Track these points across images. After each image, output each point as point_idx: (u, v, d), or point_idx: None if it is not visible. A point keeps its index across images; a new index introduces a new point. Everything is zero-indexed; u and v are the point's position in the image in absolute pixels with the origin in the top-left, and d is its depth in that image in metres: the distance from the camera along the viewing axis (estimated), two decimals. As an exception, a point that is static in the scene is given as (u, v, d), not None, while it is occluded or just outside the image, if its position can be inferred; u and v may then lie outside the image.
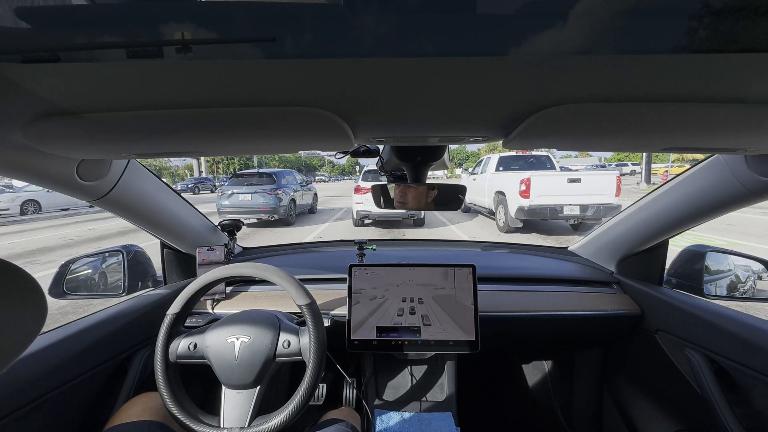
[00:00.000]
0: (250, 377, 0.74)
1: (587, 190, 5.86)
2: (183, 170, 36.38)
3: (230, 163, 42.89)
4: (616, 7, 0.23)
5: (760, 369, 0.74)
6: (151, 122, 0.43)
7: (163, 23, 0.25)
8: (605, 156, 55.61)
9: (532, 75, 0.33)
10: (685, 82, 0.33)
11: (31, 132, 0.45)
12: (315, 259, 1.44)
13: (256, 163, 45.51)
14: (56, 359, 0.76)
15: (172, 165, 34.68)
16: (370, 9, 0.24)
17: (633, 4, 0.23)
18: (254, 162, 45.22)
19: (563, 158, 58.50)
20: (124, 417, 0.76)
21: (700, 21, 0.24)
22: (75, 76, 0.32)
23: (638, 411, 1.10)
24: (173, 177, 39.25)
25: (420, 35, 0.26)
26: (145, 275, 1.17)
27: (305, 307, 0.76)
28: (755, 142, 0.51)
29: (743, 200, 0.74)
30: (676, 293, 1.01)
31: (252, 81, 0.33)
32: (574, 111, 0.39)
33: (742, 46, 0.25)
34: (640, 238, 1.06)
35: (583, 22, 0.24)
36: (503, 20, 0.25)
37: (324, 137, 0.52)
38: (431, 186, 0.90)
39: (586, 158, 56.66)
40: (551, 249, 1.49)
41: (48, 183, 0.69)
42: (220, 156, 1.96)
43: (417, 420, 1.11)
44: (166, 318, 0.77)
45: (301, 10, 0.24)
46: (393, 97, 0.38)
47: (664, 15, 0.24)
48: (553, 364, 1.47)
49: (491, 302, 1.07)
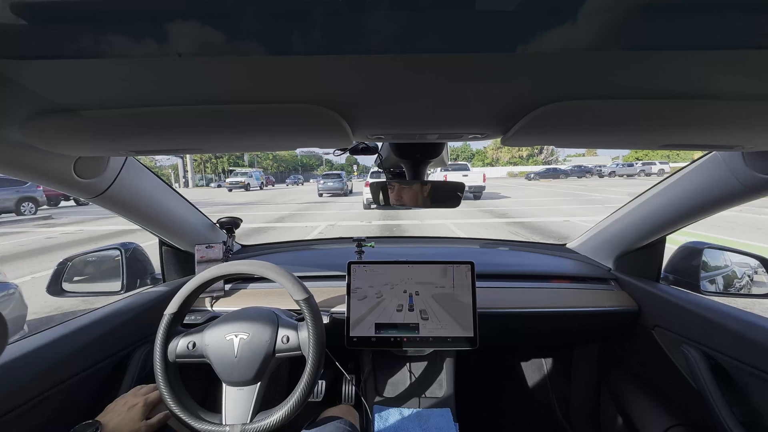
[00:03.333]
0: (250, 374, 0.74)
1: (472, 180, 12.41)
2: (168, 170, 35.53)
3: (219, 162, 41.95)
4: (614, 4, 0.23)
5: (756, 365, 0.74)
6: (149, 119, 0.43)
7: (160, 20, 0.25)
8: (622, 153, 54.94)
9: (531, 72, 0.33)
10: (683, 79, 0.33)
11: (28, 129, 0.45)
12: (314, 256, 1.44)
13: (247, 162, 44.84)
14: (56, 357, 0.76)
15: (157, 165, 33.84)
16: (368, 5, 0.24)
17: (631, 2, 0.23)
18: (245, 161, 44.58)
19: (576, 156, 57.88)
20: None
21: (698, 18, 0.24)
22: (72, 73, 0.31)
23: (635, 406, 1.11)
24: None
25: (419, 32, 0.26)
26: (143, 273, 1.17)
27: (303, 302, 0.77)
28: (753, 139, 0.51)
29: (740, 197, 0.74)
30: (673, 290, 1.02)
31: (250, 78, 0.33)
32: (572, 108, 0.39)
33: (739, 43, 0.25)
34: (638, 235, 1.07)
35: (582, 20, 0.24)
36: (502, 17, 0.25)
37: (322, 134, 0.52)
38: (429, 183, 0.90)
39: (593, 157, 56.12)
40: (549, 246, 1.50)
41: (45, 180, 0.68)
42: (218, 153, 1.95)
43: (416, 416, 1.12)
44: (164, 318, 0.77)
45: (299, 6, 0.24)
46: (391, 94, 0.38)
47: (662, 12, 0.24)
48: (551, 360, 1.48)
49: (490, 299, 1.07)
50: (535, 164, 53.20)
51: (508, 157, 59.59)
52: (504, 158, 60.43)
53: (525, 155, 57.19)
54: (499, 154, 60.81)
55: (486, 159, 63.45)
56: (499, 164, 59.74)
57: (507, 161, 59.69)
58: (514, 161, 59.32)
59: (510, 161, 59.46)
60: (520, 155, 57.84)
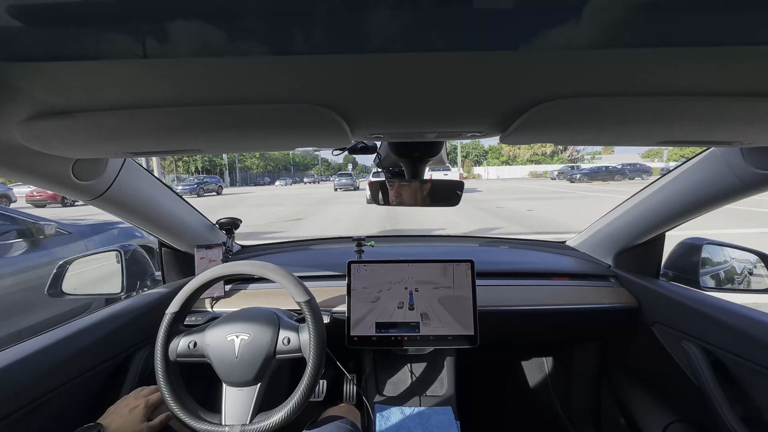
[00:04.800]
0: (251, 374, 0.74)
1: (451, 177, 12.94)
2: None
3: (191, 161, 39.51)
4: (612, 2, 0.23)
5: (756, 360, 0.75)
6: (147, 121, 0.42)
7: (158, 21, 0.25)
8: (639, 151, 49.26)
9: (529, 70, 0.33)
10: (682, 75, 0.33)
11: (25, 131, 0.45)
12: (313, 256, 1.44)
13: (226, 162, 43.43)
14: (56, 359, 0.76)
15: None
16: (366, 5, 0.24)
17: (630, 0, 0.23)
18: (224, 160, 42.98)
19: (597, 155, 48.99)
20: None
21: (696, 14, 0.24)
22: (69, 74, 0.31)
23: (636, 403, 1.11)
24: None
25: (417, 31, 0.26)
26: (143, 275, 1.17)
27: (304, 304, 0.77)
28: (751, 134, 0.51)
29: (739, 193, 0.74)
30: (673, 286, 1.02)
31: (249, 78, 0.33)
32: (571, 105, 0.39)
33: (738, 39, 0.25)
34: (637, 232, 1.07)
35: (580, 17, 0.24)
36: (500, 15, 0.24)
37: (321, 134, 0.52)
38: (428, 182, 0.90)
39: (609, 155, 50.19)
40: (549, 243, 1.50)
41: (44, 182, 0.68)
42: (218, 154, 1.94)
43: (417, 415, 1.12)
44: (165, 317, 0.77)
45: (297, 6, 0.24)
46: (390, 93, 0.38)
47: (659, 9, 0.24)
48: (551, 357, 1.48)
49: (490, 297, 1.07)
50: (560, 162, 44.65)
51: (528, 155, 48.81)
52: (524, 155, 49.35)
53: (549, 152, 46.94)
54: (518, 150, 48.39)
55: (501, 156, 53.49)
56: (516, 162, 50.59)
57: (527, 159, 49.43)
58: (535, 158, 49.08)
59: (531, 159, 49.23)
60: (543, 152, 46.90)
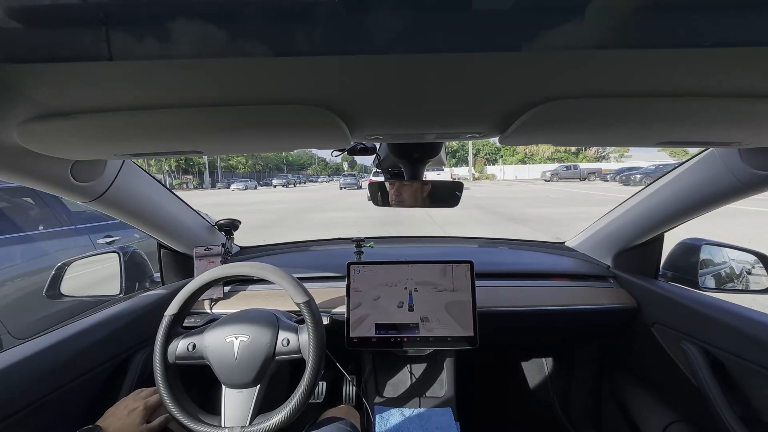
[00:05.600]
0: (250, 376, 0.74)
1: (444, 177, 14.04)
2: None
3: (165, 160, 39.00)
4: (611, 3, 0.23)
5: (755, 360, 0.75)
6: (146, 122, 0.42)
7: (156, 22, 0.25)
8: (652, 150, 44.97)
9: (529, 71, 0.33)
10: (680, 76, 0.33)
11: (24, 132, 0.44)
12: (313, 257, 1.44)
13: (206, 161, 42.15)
14: (55, 361, 0.76)
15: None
16: (366, 6, 0.24)
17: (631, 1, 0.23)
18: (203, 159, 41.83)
19: (625, 153, 41.05)
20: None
21: (695, 16, 0.24)
22: (68, 76, 0.31)
23: (635, 403, 1.11)
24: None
25: (416, 32, 0.26)
26: (142, 276, 1.16)
27: (303, 305, 0.76)
28: (749, 135, 0.52)
29: (737, 193, 0.75)
30: (672, 286, 1.02)
31: (248, 80, 0.33)
32: (570, 106, 0.39)
33: (737, 40, 0.25)
34: (636, 233, 1.07)
35: (578, 18, 0.24)
36: (500, 16, 0.25)
37: (320, 135, 0.52)
38: (428, 183, 0.90)
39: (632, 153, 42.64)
40: (548, 244, 1.50)
41: (42, 184, 0.68)
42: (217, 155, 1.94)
43: (417, 416, 1.12)
44: (164, 319, 0.77)
45: (297, 7, 0.24)
46: (389, 95, 0.38)
47: (659, 10, 0.24)
48: (551, 358, 1.48)
49: (489, 298, 1.07)
50: (586, 160, 39.77)
51: (550, 152, 41.80)
52: (544, 153, 42.26)
53: (574, 149, 39.94)
54: (536, 147, 38.91)
55: (517, 154, 45.30)
56: (534, 160, 43.26)
57: (548, 157, 42.34)
58: (557, 156, 41.82)
59: (552, 156, 42.06)
60: (567, 148, 37.62)
